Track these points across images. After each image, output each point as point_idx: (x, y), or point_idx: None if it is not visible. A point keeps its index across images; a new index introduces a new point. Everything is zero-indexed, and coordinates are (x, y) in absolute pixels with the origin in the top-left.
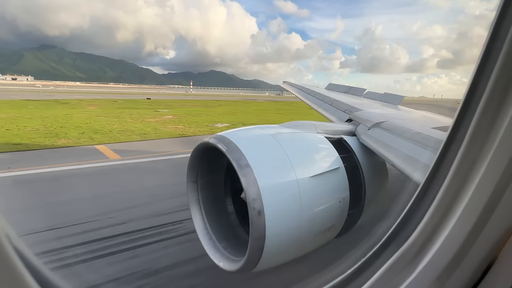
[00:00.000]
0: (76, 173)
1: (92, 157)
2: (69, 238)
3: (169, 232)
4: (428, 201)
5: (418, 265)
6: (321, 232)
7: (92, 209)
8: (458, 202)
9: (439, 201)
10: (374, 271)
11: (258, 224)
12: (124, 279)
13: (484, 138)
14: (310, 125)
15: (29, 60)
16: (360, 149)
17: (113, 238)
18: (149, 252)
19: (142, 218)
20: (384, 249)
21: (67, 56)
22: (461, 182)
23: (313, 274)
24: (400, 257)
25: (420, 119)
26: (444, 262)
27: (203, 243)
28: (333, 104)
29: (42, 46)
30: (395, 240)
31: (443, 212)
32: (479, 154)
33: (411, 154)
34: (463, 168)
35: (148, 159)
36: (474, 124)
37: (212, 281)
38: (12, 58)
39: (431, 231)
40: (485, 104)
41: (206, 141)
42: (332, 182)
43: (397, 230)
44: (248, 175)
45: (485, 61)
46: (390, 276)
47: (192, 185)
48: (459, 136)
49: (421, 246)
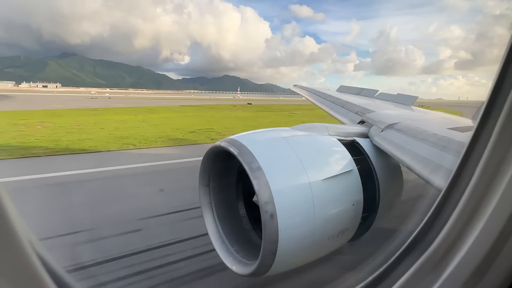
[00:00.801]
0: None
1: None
2: None
3: None
4: (452, 204)
5: (444, 270)
6: (334, 235)
7: None
8: (485, 205)
9: (464, 204)
10: (397, 277)
11: (271, 227)
12: None
13: (510, 139)
14: (322, 127)
15: (53, 68)
16: (373, 151)
17: None
18: None
19: None
20: (407, 254)
21: (87, 63)
22: (487, 185)
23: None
24: (424, 262)
25: (435, 119)
26: (471, 268)
27: (215, 246)
28: (345, 106)
29: (64, 54)
30: (418, 245)
31: (468, 216)
32: (505, 156)
33: (427, 156)
34: (489, 170)
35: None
36: (499, 126)
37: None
38: (38, 66)
39: (457, 235)
40: (510, 107)
41: (217, 145)
42: (345, 185)
43: (420, 234)
44: (260, 178)
45: (509, 61)
46: (414, 282)
47: (204, 188)
48: (484, 138)
49: (446, 251)
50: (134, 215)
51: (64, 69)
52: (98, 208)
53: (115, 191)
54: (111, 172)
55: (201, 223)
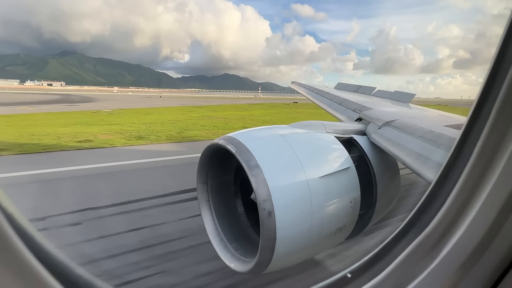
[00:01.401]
0: None
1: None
2: None
3: None
4: (447, 188)
5: (440, 252)
6: (332, 233)
7: None
8: (480, 189)
9: (460, 188)
10: (393, 258)
11: (269, 225)
12: None
13: (504, 129)
14: (319, 125)
15: (53, 66)
16: (370, 149)
17: None
18: None
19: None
20: (403, 236)
21: (88, 62)
22: (482, 170)
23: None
24: (420, 244)
25: (432, 117)
26: (469, 249)
27: (213, 244)
28: (343, 103)
29: (64, 52)
30: (414, 227)
31: (465, 198)
32: (502, 137)
33: (424, 153)
34: (484, 155)
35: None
36: (490, 121)
37: None
38: (38, 64)
39: (453, 217)
40: (502, 102)
41: (215, 142)
42: (343, 182)
43: (416, 217)
44: (258, 176)
45: (501, 59)
46: (410, 264)
47: (202, 186)
48: (479, 124)
49: (442, 233)
50: None
51: (64, 68)
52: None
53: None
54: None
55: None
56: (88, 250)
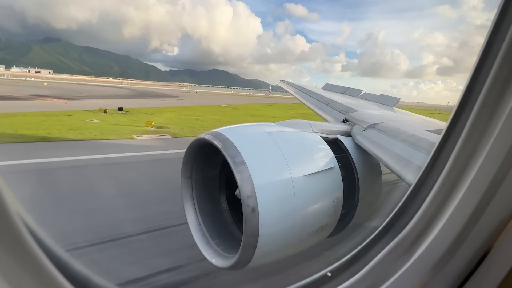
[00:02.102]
0: None
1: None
2: None
3: None
4: (424, 192)
5: (414, 253)
6: (314, 231)
7: None
8: (455, 194)
9: (436, 193)
10: (370, 259)
11: (252, 221)
12: None
13: (477, 138)
14: (306, 124)
15: (37, 52)
16: (355, 150)
17: None
18: None
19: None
20: (381, 238)
21: (73, 50)
22: (458, 175)
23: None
24: (396, 245)
25: (415, 121)
26: (441, 251)
27: (196, 239)
28: (330, 104)
29: (47, 38)
30: (391, 229)
31: (439, 203)
32: (477, 144)
33: (405, 156)
34: (460, 160)
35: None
36: (468, 126)
37: None
38: (20, 50)
39: (427, 221)
40: (479, 110)
41: (201, 137)
42: (327, 181)
43: (394, 220)
44: (243, 173)
45: (480, 67)
46: (386, 264)
47: (186, 181)
48: (459, 127)
49: (417, 235)
50: None
51: (49, 55)
52: None
53: None
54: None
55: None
56: None
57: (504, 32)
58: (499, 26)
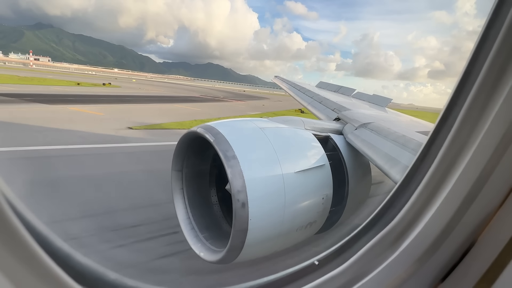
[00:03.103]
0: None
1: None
2: None
3: None
4: (411, 189)
5: (400, 245)
6: (302, 227)
7: None
8: (440, 191)
9: (422, 189)
10: (357, 249)
11: (242, 216)
12: None
13: (463, 140)
14: (299, 121)
15: (29, 38)
16: (346, 148)
17: None
18: None
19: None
20: (368, 230)
21: (66, 37)
22: (443, 174)
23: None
24: (383, 237)
25: (406, 122)
26: (426, 243)
27: (185, 232)
28: (323, 102)
29: (39, 24)
30: (377, 223)
31: (425, 200)
32: (468, 138)
33: (394, 155)
34: (446, 159)
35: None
36: (455, 129)
37: None
38: (12, 35)
39: (415, 214)
40: (466, 113)
41: (193, 130)
42: (317, 178)
43: (381, 213)
44: (234, 167)
45: (468, 73)
46: (372, 255)
47: (176, 174)
48: (446, 127)
49: (403, 229)
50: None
51: (41, 41)
52: None
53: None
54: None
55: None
56: None
57: (494, 38)
58: (488, 31)
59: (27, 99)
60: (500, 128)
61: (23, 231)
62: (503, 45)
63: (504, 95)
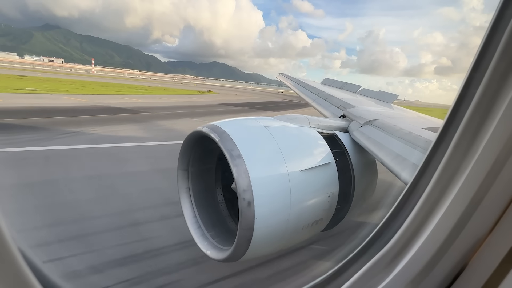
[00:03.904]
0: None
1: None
2: None
3: None
4: (408, 209)
5: (395, 268)
6: (308, 225)
7: None
8: (437, 210)
9: (419, 209)
10: (354, 272)
11: (248, 215)
12: None
13: (467, 148)
14: (303, 119)
15: (38, 39)
16: (351, 146)
17: None
18: None
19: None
20: (365, 251)
21: (73, 38)
22: (440, 193)
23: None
24: (379, 260)
25: (412, 119)
26: (419, 266)
27: (191, 231)
28: (328, 99)
29: (46, 25)
30: (375, 243)
31: (421, 220)
32: (458, 168)
33: (400, 153)
34: (442, 180)
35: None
36: (461, 129)
37: None
38: (22, 36)
39: (409, 237)
40: (473, 111)
41: (199, 130)
42: (323, 176)
43: (378, 234)
44: (240, 166)
45: (476, 68)
46: (368, 278)
47: (182, 173)
48: (443, 145)
49: (399, 250)
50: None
51: (50, 42)
52: None
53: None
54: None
55: None
56: None
57: (501, 33)
58: (496, 27)
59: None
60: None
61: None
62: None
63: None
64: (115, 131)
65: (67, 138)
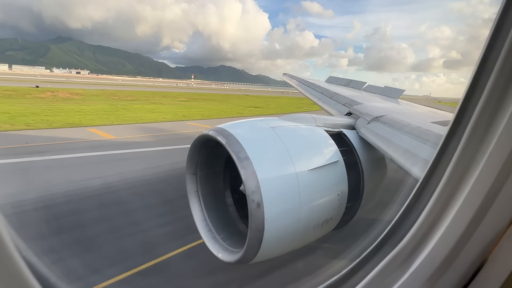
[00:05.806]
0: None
1: None
2: None
3: None
4: (421, 204)
5: (411, 265)
6: (319, 224)
7: None
8: (452, 205)
9: (433, 204)
10: (368, 271)
11: (257, 216)
12: None
13: (480, 139)
14: (309, 118)
15: (55, 52)
16: (359, 143)
17: None
18: None
19: None
20: (379, 249)
21: (87, 49)
22: (454, 187)
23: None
24: (393, 258)
25: (420, 113)
26: (436, 263)
27: (202, 234)
28: (333, 97)
29: (59, 38)
30: (389, 241)
31: (436, 215)
32: (472, 160)
33: (410, 148)
34: (456, 173)
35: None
36: (472, 123)
37: None
38: (39, 50)
39: (424, 233)
40: (485, 103)
41: (205, 133)
42: (331, 175)
43: (392, 232)
44: (248, 168)
45: (485, 60)
46: (383, 276)
47: (191, 177)
48: (456, 138)
49: (414, 247)
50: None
51: (66, 54)
52: None
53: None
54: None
55: None
56: None
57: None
58: (503, 19)
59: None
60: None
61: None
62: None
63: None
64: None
65: None
